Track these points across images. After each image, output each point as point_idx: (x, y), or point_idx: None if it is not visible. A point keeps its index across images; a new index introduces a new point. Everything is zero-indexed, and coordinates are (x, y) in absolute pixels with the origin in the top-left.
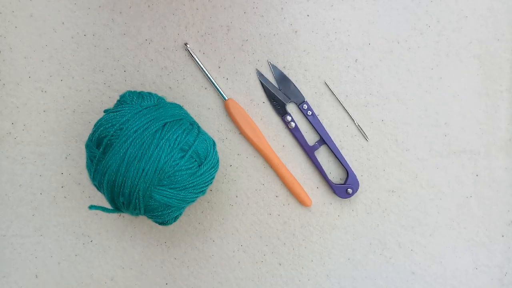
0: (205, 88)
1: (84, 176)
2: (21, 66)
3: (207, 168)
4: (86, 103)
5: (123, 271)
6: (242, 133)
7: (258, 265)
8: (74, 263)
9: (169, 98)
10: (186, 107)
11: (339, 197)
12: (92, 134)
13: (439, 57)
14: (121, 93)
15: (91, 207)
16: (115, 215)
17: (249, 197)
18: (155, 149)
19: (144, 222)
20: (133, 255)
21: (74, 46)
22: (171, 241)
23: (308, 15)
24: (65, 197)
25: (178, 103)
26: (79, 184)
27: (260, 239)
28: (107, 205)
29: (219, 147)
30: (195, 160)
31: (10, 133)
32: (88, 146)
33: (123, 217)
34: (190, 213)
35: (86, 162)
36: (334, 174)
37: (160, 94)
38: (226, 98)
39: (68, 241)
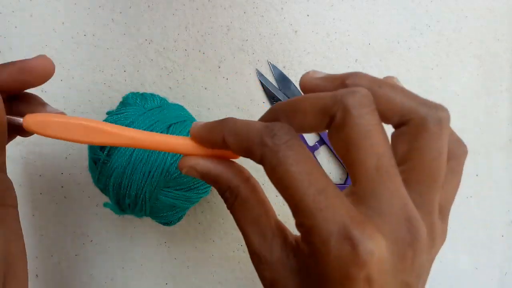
0: (205, 88)
1: (84, 176)
2: None
3: None
4: (86, 103)
5: (123, 271)
6: None
7: None
8: (74, 263)
9: (169, 98)
10: (186, 107)
11: None
12: None
13: (439, 57)
14: (121, 93)
15: (106, 204)
16: (115, 215)
17: None
18: (161, 151)
19: (144, 222)
20: (133, 255)
21: (74, 46)
22: (171, 241)
23: (308, 15)
24: (65, 197)
25: (178, 103)
26: (79, 184)
27: None
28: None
29: None
30: None
31: None
32: (91, 148)
33: (123, 217)
34: (190, 213)
35: (89, 165)
36: (334, 174)
37: (160, 94)
38: None
39: (68, 241)
